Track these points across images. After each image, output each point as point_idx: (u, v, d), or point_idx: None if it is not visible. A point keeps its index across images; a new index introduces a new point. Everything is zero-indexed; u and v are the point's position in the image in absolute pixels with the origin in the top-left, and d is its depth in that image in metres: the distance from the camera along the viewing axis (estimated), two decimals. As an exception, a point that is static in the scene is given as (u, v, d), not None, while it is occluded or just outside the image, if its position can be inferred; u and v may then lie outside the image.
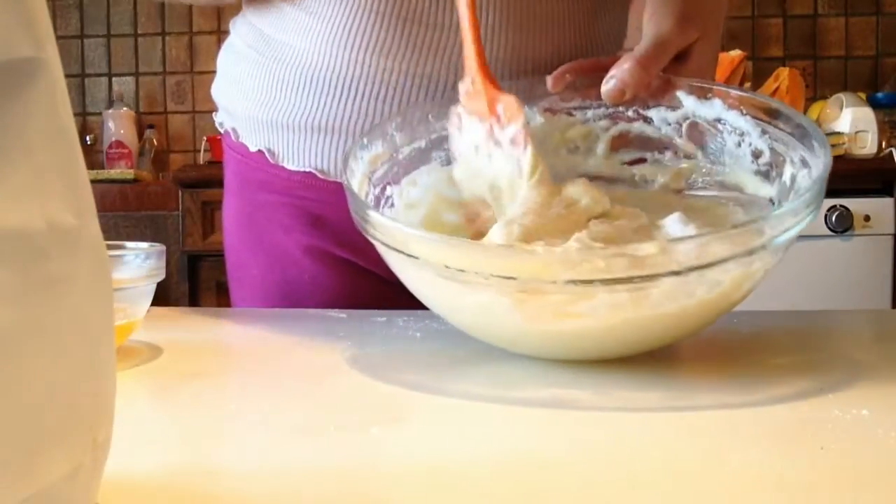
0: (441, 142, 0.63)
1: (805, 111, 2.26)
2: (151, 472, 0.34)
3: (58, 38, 0.23)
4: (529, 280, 0.44)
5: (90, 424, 0.23)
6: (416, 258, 0.47)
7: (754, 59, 2.49)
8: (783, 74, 2.15)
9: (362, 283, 0.76)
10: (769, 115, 0.56)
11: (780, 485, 0.32)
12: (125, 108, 2.68)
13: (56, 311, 0.21)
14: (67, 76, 0.26)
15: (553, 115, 0.63)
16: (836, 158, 2.04)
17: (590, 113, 0.63)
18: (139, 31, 2.75)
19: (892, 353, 0.57)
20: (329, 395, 0.46)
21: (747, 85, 2.15)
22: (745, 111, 0.57)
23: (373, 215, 0.50)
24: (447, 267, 0.45)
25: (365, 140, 0.60)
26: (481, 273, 0.44)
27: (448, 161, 0.63)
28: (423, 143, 0.63)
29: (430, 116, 0.63)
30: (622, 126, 0.62)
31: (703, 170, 0.60)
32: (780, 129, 0.55)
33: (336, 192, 0.72)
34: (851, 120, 2.08)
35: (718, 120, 0.58)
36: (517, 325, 0.47)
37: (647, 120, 0.61)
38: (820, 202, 0.49)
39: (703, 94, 0.59)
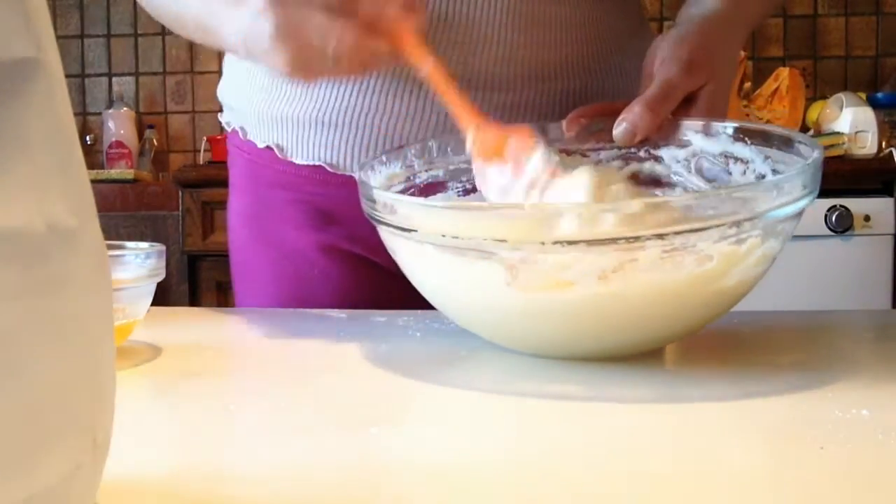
0: (459, 173, 0.64)
1: (805, 111, 2.26)
2: (151, 472, 0.34)
3: (58, 38, 0.23)
4: (520, 241, 0.45)
5: (90, 424, 0.23)
6: (415, 231, 0.49)
7: (754, 59, 2.48)
8: (783, 74, 2.15)
9: (372, 278, 0.77)
10: (764, 139, 0.58)
11: (780, 485, 0.32)
12: (125, 108, 2.68)
13: (56, 311, 0.21)
14: (67, 76, 0.26)
15: (568, 155, 0.64)
16: (836, 158, 2.04)
17: (603, 154, 0.64)
18: (139, 31, 2.75)
19: (892, 353, 0.57)
20: (329, 395, 0.46)
21: (747, 85, 2.15)
22: (749, 141, 0.58)
23: (378, 193, 0.51)
24: (443, 235, 0.47)
25: (384, 157, 0.62)
26: (475, 237, 0.46)
27: (465, 192, 0.64)
28: (440, 173, 0.64)
29: (448, 149, 0.65)
30: (634, 166, 0.63)
31: None
32: (779, 149, 0.57)
33: (345, 186, 0.72)
34: (851, 120, 2.07)
35: (724, 153, 0.60)
36: (510, 302, 0.48)
37: (658, 159, 0.63)
38: (813, 189, 0.49)
39: (709, 131, 0.60)
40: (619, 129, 0.60)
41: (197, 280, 2.26)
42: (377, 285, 0.76)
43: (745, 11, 0.67)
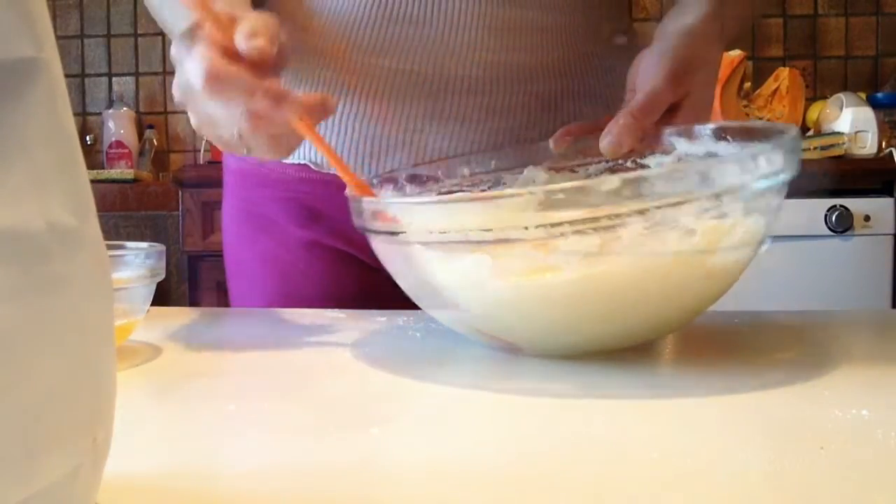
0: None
1: (805, 111, 2.25)
2: (151, 472, 0.34)
3: (58, 38, 0.23)
4: (504, 229, 0.46)
5: (90, 424, 0.23)
6: (404, 232, 0.49)
7: (754, 59, 2.48)
8: (783, 74, 2.15)
9: (356, 275, 0.78)
10: (744, 134, 0.59)
11: (780, 485, 0.32)
12: (125, 108, 2.68)
13: (56, 311, 0.21)
14: (67, 76, 0.26)
15: (557, 172, 0.66)
16: (836, 158, 2.04)
17: (591, 168, 0.66)
18: (139, 31, 2.75)
19: (892, 353, 0.57)
20: (329, 395, 0.46)
21: (747, 85, 2.15)
22: (730, 138, 0.59)
23: (365, 201, 0.52)
24: (430, 232, 0.48)
25: (374, 181, 0.63)
26: (461, 230, 0.47)
27: None
28: (433, 196, 0.65)
29: (439, 172, 0.66)
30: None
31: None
32: (760, 141, 0.57)
33: (330, 183, 0.73)
34: (851, 120, 2.07)
35: (708, 153, 0.60)
36: (497, 294, 0.48)
37: (645, 168, 0.63)
38: (791, 165, 0.50)
39: (691, 135, 0.61)
40: (606, 141, 0.61)
41: (197, 280, 2.26)
42: (361, 282, 0.78)
43: (721, 26, 0.68)
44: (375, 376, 0.49)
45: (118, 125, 2.65)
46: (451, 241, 0.48)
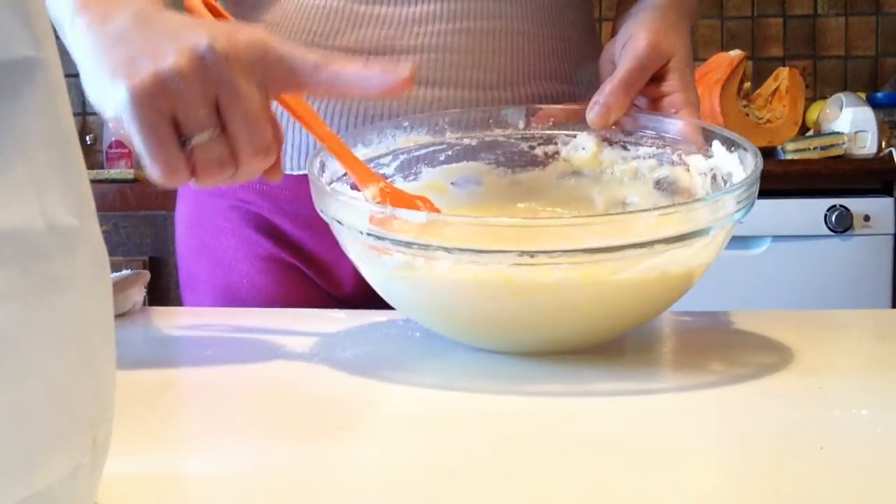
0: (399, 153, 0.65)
1: (805, 111, 2.25)
2: (150, 473, 0.34)
3: (57, 38, 0.23)
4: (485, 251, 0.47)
5: (90, 424, 0.23)
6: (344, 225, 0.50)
7: (754, 59, 2.48)
8: (783, 74, 2.15)
9: (301, 288, 0.76)
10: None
11: (780, 485, 0.32)
12: (125, 108, 2.68)
13: (56, 310, 0.21)
14: (67, 76, 0.26)
15: (610, 146, 0.65)
16: (836, 158, 2.04)
17: (641, 150, 0.64)
18: (139, 31, 2.75)
19: (892, 353, 0.57)
20: (328, 396, 0.46)
21: (747, 85, 2.15)
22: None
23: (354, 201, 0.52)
24: (398, 241, 0.48)
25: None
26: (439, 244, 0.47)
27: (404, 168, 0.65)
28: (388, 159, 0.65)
29: (387, 130, 0.65)
30: (666, 169, 0.63)
31: None
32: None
33: (276, 193, 0.72)
34: (851, 120, 2.07)
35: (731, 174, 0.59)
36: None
37: (686, 167, 0.62)
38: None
39: (731, 146, 0.59)
40: (594, 111, 0.62)
41: (197, 280, 2.26)
42: (305, 294, 0.76)
43: (684, 8, 0.69)
44: (375, 376, 0.49)
45: (118, 125, 2.65)
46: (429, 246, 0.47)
